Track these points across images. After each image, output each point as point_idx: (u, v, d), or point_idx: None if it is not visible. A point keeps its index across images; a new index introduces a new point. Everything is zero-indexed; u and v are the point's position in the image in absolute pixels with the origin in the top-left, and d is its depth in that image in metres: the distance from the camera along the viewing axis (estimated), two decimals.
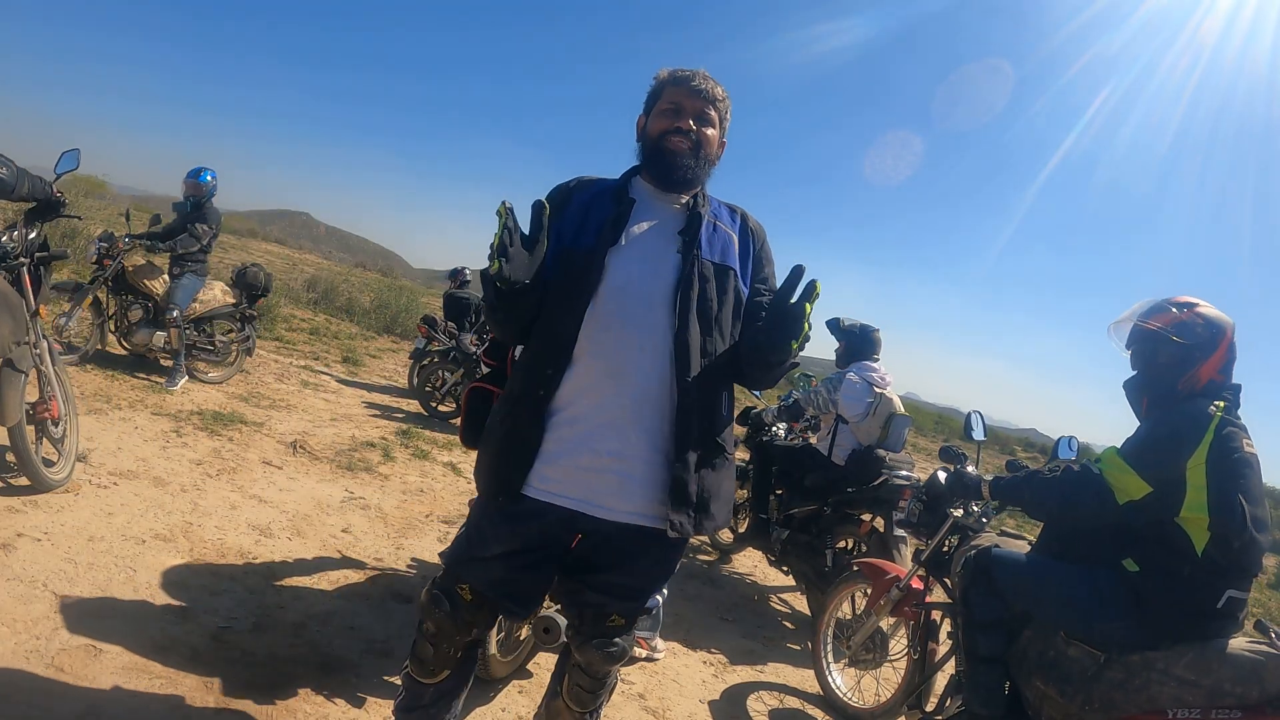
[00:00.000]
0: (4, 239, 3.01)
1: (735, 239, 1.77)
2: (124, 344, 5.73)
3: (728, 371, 1.71)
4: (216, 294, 6.06)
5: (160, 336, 5.62)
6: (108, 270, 5.47)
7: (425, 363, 7.89)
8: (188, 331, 5.75)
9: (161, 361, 5.81)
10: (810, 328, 1.55)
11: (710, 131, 1.72)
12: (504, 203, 1.47)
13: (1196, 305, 2.21)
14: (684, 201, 1.75)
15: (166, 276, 5.81)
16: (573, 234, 1.69)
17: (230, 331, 6.19)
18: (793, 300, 1.53)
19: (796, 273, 1.53)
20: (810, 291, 1.51)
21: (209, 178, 5.95)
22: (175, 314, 5.58)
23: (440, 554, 1.78)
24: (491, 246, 1.47)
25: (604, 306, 1.63)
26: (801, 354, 1.66)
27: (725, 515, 1.72)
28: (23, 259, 3.06)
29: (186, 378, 5.65)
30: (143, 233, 5.77)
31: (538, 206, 1.54)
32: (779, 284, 1.57)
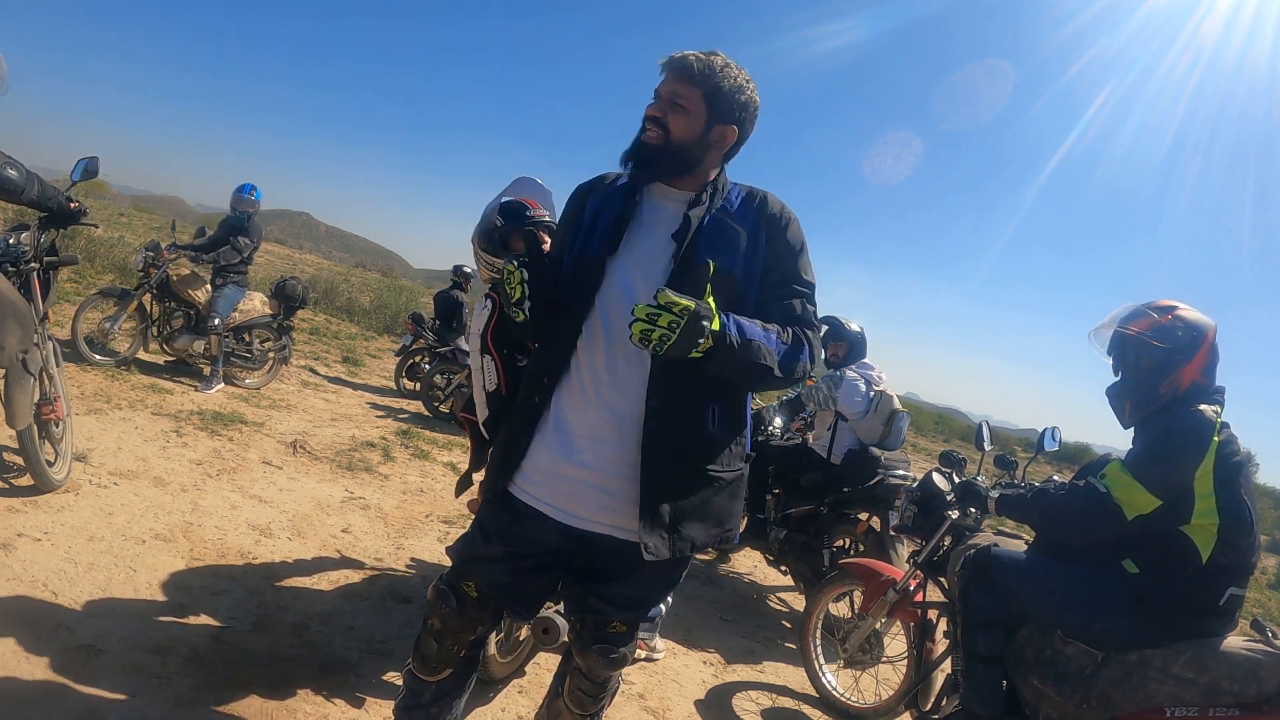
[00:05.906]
0: (12, 241, 3.02)
1: (744, 235, 1.63)
2: (165, 349, 5.98)
3: (717, 384, 1.59)
4: (256, 305, 6.30)
5: (200, 343, 5.90)
6: (152, 278, 5.71)
7: (412, 361, 7.93)
8: (227, 339, 6.00)
9: (201, 367, 6.04)
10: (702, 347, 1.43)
11: (679, 117, 1.59)
12: (509, 264, 1.54)
13: (1176, 309, 2.19)
14: (690, 197, 1.65)
15: (209, 286, 6.05)
16: (584, 238, 1.66)
17: (267, 341, 6.43)
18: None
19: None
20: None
21: (258, 194, 6.28)
22: (216, 322, 5.82)
23: (447, 549, 1.79)
24: (510, 303, 1.54)
25: (597, 316, 1.60)
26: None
27: (707, 535, 1.64)
28: (33, 263, 3.08)
29: (222, 384, 5.86)
30: (187, 244, 6.05)
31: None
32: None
